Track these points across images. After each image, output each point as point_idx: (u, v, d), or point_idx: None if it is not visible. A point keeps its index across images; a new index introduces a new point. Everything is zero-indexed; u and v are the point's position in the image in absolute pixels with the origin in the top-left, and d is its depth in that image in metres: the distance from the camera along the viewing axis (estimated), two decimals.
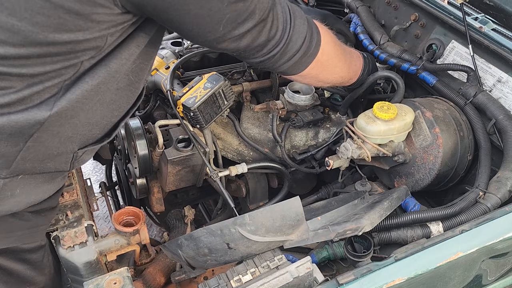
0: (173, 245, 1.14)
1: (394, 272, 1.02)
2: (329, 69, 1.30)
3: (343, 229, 1.13)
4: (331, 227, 1.13)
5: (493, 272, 1.26)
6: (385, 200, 1.25)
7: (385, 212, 1.22)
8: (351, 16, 2.05)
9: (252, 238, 1.03)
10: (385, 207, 1.23)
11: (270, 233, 1.04)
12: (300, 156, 1.71)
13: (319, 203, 1.53)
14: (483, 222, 1.15)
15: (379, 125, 1.42)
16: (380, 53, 1.81)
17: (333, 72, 1.34)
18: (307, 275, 1.01)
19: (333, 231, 1.13)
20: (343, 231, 1.13)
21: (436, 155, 1.45)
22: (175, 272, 1.43)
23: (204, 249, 1.08)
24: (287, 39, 1.08)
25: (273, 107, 1.64)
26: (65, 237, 1.19)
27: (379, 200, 1.29)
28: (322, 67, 1.24)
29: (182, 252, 1.11)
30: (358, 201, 1.27)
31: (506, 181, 1.32)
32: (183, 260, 1.14)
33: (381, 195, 1.38)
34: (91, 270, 1.22)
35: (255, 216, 1.03)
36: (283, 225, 1.05)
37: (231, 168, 1.61)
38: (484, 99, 1.53)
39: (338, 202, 1.45)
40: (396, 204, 1.29)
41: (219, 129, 1.70)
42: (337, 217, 1.20)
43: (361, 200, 1.28)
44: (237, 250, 1.06)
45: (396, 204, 1.29)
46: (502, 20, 1.69)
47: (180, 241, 1.11)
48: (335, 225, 1.14)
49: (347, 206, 1.24)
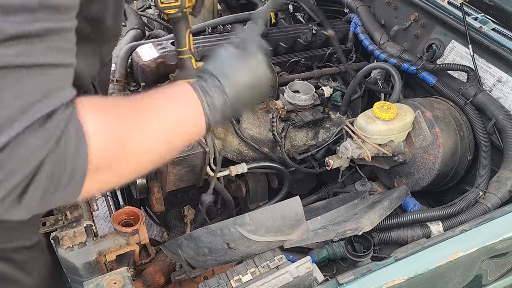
0: (173, 245, 1.14)
1: (394, 272, 1.02)
2: (135, 157, 0.76)
3: (343, 229, 1.13)
4: (331, 227, 1.13)
5: (493, 272, 1.26)
6: (385, 200, 1.25)
7: (385, 212, 1.22)
8: (351, 16, 2.05)
9: (252, 238, 1.03)
10: (385, 207, 1.23)
11: (270, 233, 1.04)
12: (300, 156, 1.71)
13: (319, 203, 1.53)
14: (483, 222, 1.15)
15: (379, 125, 1.42)
16: (380, 53, 1.81)
17: (144, 157, 0.78)
18: (307, 275, 1.01)
19: (333, 231, 1.13)
20: (343, 231, 1.13)
21: (436, 155, 1.45)
22: (175, 272, 1.43)
23: (204, 249, 1.08)
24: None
25: (273, 107, 1.64)
26: (64, 237, 1.19)
27: (379, 200, 1.29)
28: (115, 165, 0.73)
29: (182, 252, 1.11)
30: (358, 201, 1.27)
31: (506, 181, 1.32)
32: (183, 260, 1.14)
33: (381, 195, 1.38)
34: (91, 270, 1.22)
35: (255, 216, 1.03)
36: (283, 225, 1.05)
37: (231, 168, 1.61)
38: (484, 99, 1.53)
39: (338, 202, 1.45)
40: (396, 204, 1.29)
41: (219, 129, 1.70)
42: (337, 217, 1.20)
43: (361, 200, 1.28)
44: (237, 250, 1.06)
45: (396, 204, 1.29)
46: (502, 20, 1.69)
47: (180, 241, 1.10)
48: (335, 225, 1.14)
49: (347, 206, 1.24)
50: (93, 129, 0.67)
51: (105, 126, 0.69)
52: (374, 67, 1.71)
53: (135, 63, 1.77)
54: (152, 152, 0.78)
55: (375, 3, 2.03)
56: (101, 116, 0.70)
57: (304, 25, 2.10)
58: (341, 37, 2.05)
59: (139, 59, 1.75)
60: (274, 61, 1.82)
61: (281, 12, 2.51)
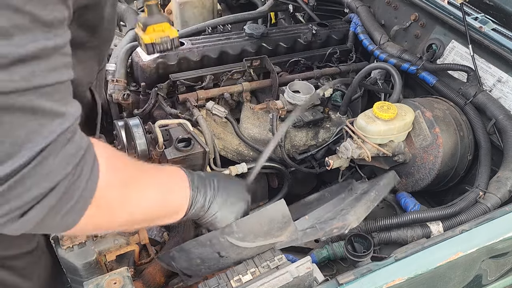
0: (165, 257, 1.15)
1: (394, 272, 1.02)
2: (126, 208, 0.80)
3: (330, 227, 1.13)
4: (319, 225, 1.13)
5: (493, 272, 1.26)
6: (372, 190, 1.24)
7: (372, 204, 1.21)
8: (351, 16, 2.05)
9: (241, 245, 1.03)
10: (371, 198, 1.22)
11: (259, 237, 1.04)
12: (300, 156, 1.71)
13: (312, 196, 1.52)
14: (483, 222, 1.15)
15: (379, 125, 1.42)
16: (380, 53, 1.81)
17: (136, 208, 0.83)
18: (307, 275, 1.01)
19: (321, 229, 1.13)
20: (330, 230, 1.13)
21: (436, 155, 1.45)
22: (174, 280, 1.44)
23: (196, 259, 1.08)
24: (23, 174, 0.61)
25: (273, 107, 1.64)
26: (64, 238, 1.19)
27: (366, 190, 1.28)
28: (111, 210, 0.77)
29: (176, 264, 1.12)
30: (346, 194, 1.26)
31: (506, 181, 1.32)
32: (178, 271, 1.15)
33: (370, 183, 1.37)
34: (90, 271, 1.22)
35: (241, 223, 1.03)
36: (271, 229, 1.05)
37: (231, 168, 1.61)
38: (484, 99, 1.53)
39: (331, 194, 1.44)
40: (384, 192, 1.28)
41: (219, 129, 1.69)
42: (325, 214, 1.19)
43: (348, 193, 1.27)
44: (228, 257, 1.06)
45: (384, 191, 1.28)
46: (502, 20, 1.69)
47: (171, 253, 1.11)
48: (322, 223, 1.14)
49: (334, 201, 1.23)
50: (103, 167, 0.70)
51: (113, 168, 0.73)
52: (374, 67, 1.71)
53: (135, 63, 1.77)
54: (142, 211, 0.84)
55: (375, 3, 2.03)
56: (111, 158, 0.75)
57: (304, 25, 2.10)
58: (341, 37, 2.05)
59: (139, 59, 1.75)
60: (274, 61, 1.82)
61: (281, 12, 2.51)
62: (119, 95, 1.71)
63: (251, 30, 1.89)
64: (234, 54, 1.85)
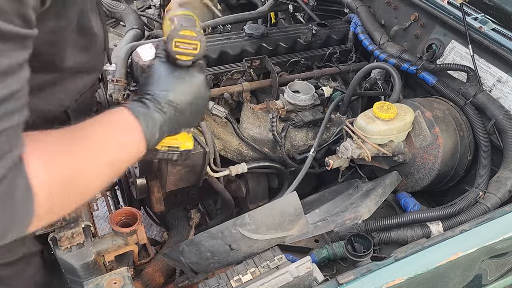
0: (174, 252, 1.14)
1: (394, 272, 1.02)
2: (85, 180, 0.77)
3: (342, 219, 1.14)
4: (330, 218, 1.13)
5: (493, 272, 1.26)
6: (379, 187, 1.25)
7: (380, 199, 1.22)
8: (351, 16, 2.05)
9: (253, 237, 1.03)
10: (379, 193, 1.23)
11: (271, 230, 1.04)
12: (300, 156, 1.70)
13: (313, 196, 1.53)
14: (483, 222, 1.15)
15: (379, 125, 1.41)
16: (380, 53, 1.81)
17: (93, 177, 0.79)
18: (307, 275, 1.01)
19: (333, 222, 1.13)
20: (343, 221, 1.14)
21: (436, 155, 1.44)
22: (178, 279, 1.43)
23: (206, 253, 1.08)
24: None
25: (273, 107, 1.64)
26: (62, 238, 1.19)
27: (373, 187, 1.29)
28: (66, 190, 0.73)
29: (185, 258, 1.11)
30: (353, 190, 1.27)
31: (506, 181, 1.32)
32: (186, 267, 1.14)
33: (374, 182, 1.37)
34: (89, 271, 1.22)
35: (254, 215, 1.03)
36: (283, 221, 1.05)
37: (231, 168, 1.61)
38: (484, 99, 1.53)
39: (331, 194, 1.45)
40: (389, 190, 1.29)
41: (219, 129, 1.69)
42: (334, 208, 1.20)
43: (355, 189, 1.28)
44: (239, 250, 1.06)
45: (389, 190, 1.29)
46: (502, 20, 1.69)
47: (181, 247, 1.10)
48: (334, 216, 1.14)
49: (342, 196, 1.24)
50: (38, 182, 0.66)
51: (49, 175, 0.68)
52: (374, 67, 1.71)
53: (135, 63, 1.76)
54: (96, 183, 0.79)
55: (375, 3, 2.03)
56: (46, 164, 0.69)
57: (304, 25, 2.09)
58: (341, 37, 2.05)
59: (139, 59, 1.75)
60: (274, 61, 1.82)
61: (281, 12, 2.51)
62: (119, 95, 1.71)
63: (251, 30, 1.88)
64: (234, 54, 1.85)
